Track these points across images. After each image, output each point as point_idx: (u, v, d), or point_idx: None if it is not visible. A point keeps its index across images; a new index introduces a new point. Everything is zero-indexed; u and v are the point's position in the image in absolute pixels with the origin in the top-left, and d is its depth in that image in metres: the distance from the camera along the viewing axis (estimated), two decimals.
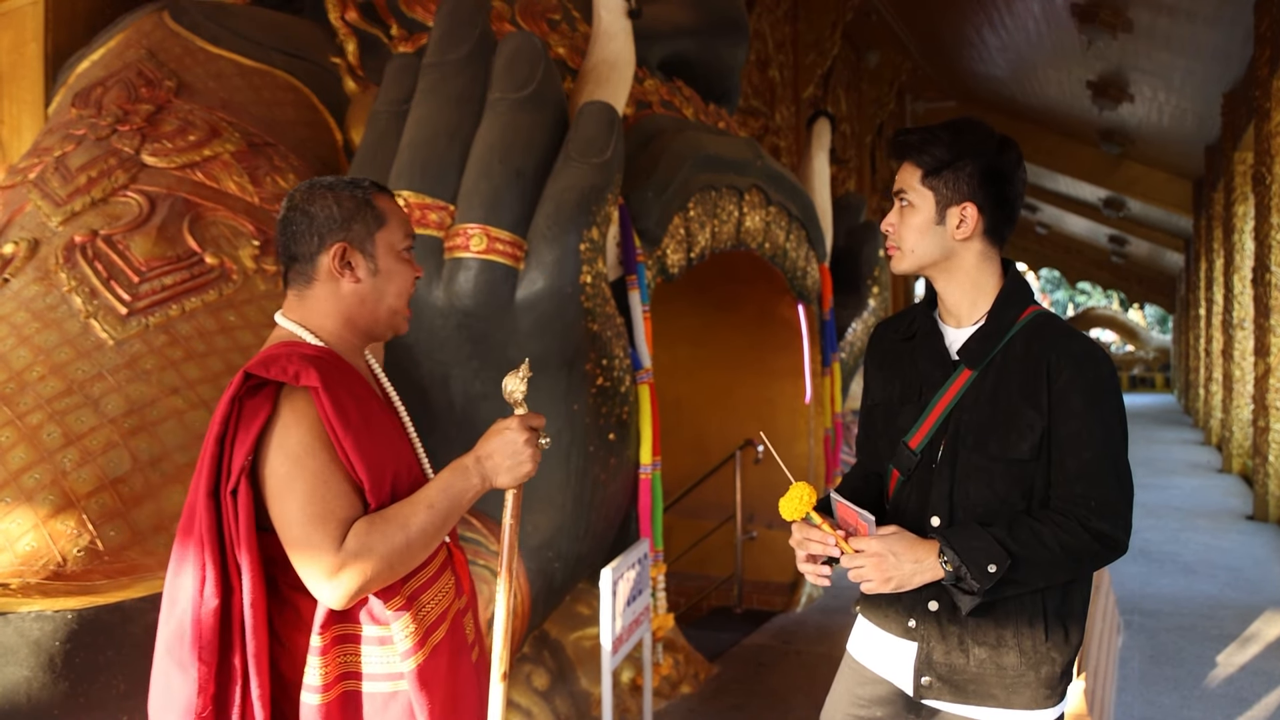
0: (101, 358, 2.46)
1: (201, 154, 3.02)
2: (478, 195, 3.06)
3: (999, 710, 1.55)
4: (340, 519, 1.34)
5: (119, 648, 2.00)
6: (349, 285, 1.47)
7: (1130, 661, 4.46)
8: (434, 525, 1.39)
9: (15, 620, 1.90)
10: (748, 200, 4.38)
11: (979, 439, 1.54)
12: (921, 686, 1.57)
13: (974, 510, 1.54)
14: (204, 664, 1.33)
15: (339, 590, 1.33)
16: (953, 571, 1.46)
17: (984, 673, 1.54)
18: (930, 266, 1.62)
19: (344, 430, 1.33)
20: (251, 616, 1.34)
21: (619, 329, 3.44)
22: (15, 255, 2.71)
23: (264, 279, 2.89)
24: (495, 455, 1.42)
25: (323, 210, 1.47)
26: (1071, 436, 1.50)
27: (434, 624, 1.43)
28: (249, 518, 1.34)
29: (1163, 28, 8.69)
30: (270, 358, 1.36)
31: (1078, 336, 1.57)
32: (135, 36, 3.40)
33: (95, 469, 2.23)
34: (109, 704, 1.94)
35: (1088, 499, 1.48)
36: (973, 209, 1.58)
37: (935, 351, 1.63)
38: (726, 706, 3.89)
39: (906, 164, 1.62)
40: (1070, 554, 1.47)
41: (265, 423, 1.34)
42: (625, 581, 3.13)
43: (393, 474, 1.41)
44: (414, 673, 1.39)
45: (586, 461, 3.30)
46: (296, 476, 1.33)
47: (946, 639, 1.55)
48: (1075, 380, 1.51)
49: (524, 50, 3.24)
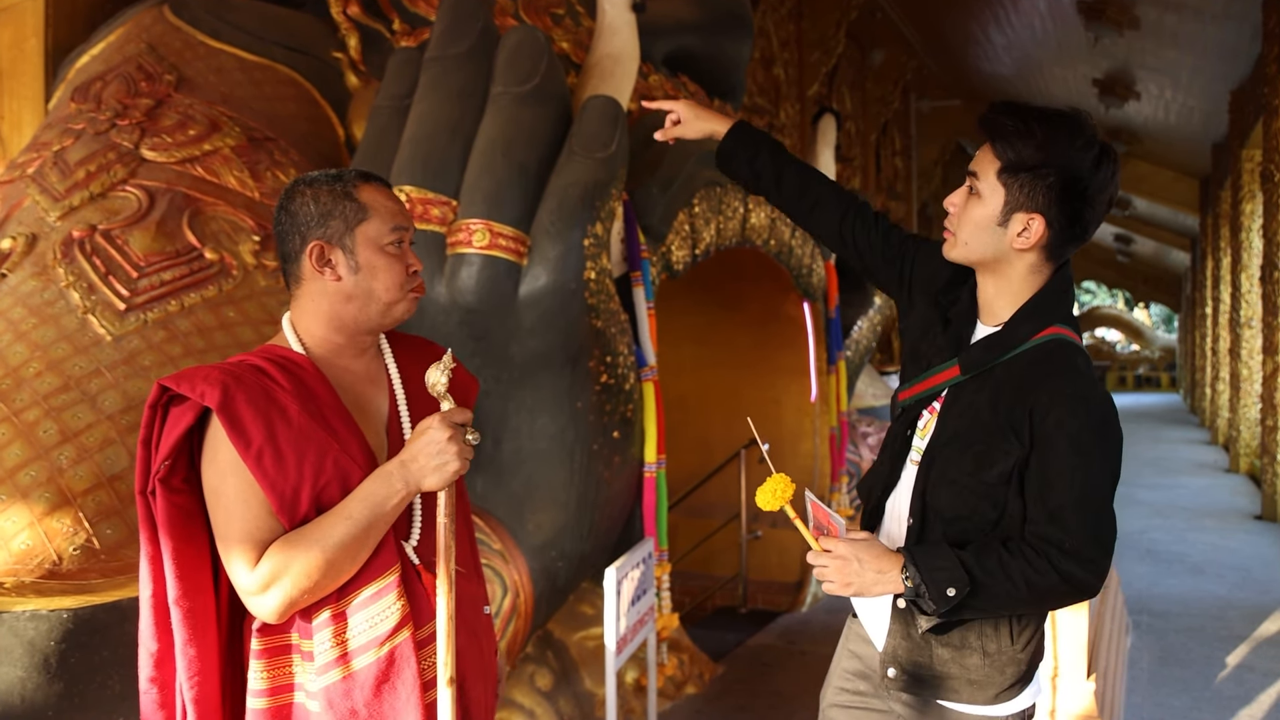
0: (99, 353, 2.43)
1: (201, 149, 2.99)
2: (480, 190, 3.03)
3: (963, 705, 1.54)
4: (257, 540, 1.34)
5: (115, 648, 1.96)
6: (332, 283, 1.43)
7: (1139, 662, 4.41)
8: (354, 537, 1.34)
9: (10, 620, 1.87)
10: (753, 196, 4.34)
11: (958, 452, 1.50)
12: (888, 678, 1.57)
13: (944, 515, 1.51)
14: (156, 642, 1.40)
15: (263, 609, 1.35)
16: (912, 589, 1.44)
17: (948, 671, 1.52)
18: (978, 263, 1.54)
19: (243, 452, 1.33)
20: (175, 612, 1.37)
21: (623, 325, 3.41)
22: (13, 250, 2.69)
23: (264, 274, 2.85)
24: (419, 457, 1.37)
25: (301, 208, 1.43)
26: (1053, 476, 1.42)
27: (363, 646, 1.37)
28: (166, 518, 1.36)
29: (1170, 25, 8.64)
30: (187, 373, 1.37)
31: (1079, 377, 1.46)
32: (135, 30, 3.37)
33: (92, 466, 2.20)
34: (104, 704, 1.91)
35: (1061, 541, 1.41)
36: (1040, 222, 1.46)
37: (960, 329, 1.57)
38: (731, 707, 3.86)
39: (989, 148, 1.48)
40: (1035, 591, 1.42)
41: (188, 431, 1.35)
42: (630, 581, 3.09)
43: (312, 489, 1.36)
44: (321, 691, 1.36)
45: (590, 460, 3.26)
46: (221, 493, 1.35)
47: (911, 638, 1.53)
48: (1064, 423, 1.42)
49: (527, 44, 3.20)
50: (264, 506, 1.35)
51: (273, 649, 1.39)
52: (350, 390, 1.47)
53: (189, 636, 1.37)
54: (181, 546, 1.37)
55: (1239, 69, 9.07)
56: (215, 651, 1.41)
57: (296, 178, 1.46)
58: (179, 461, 1.36)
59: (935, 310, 1.64)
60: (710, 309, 5.48)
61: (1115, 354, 23.91)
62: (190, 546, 1.38)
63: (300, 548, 1.33)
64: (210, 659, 1.39)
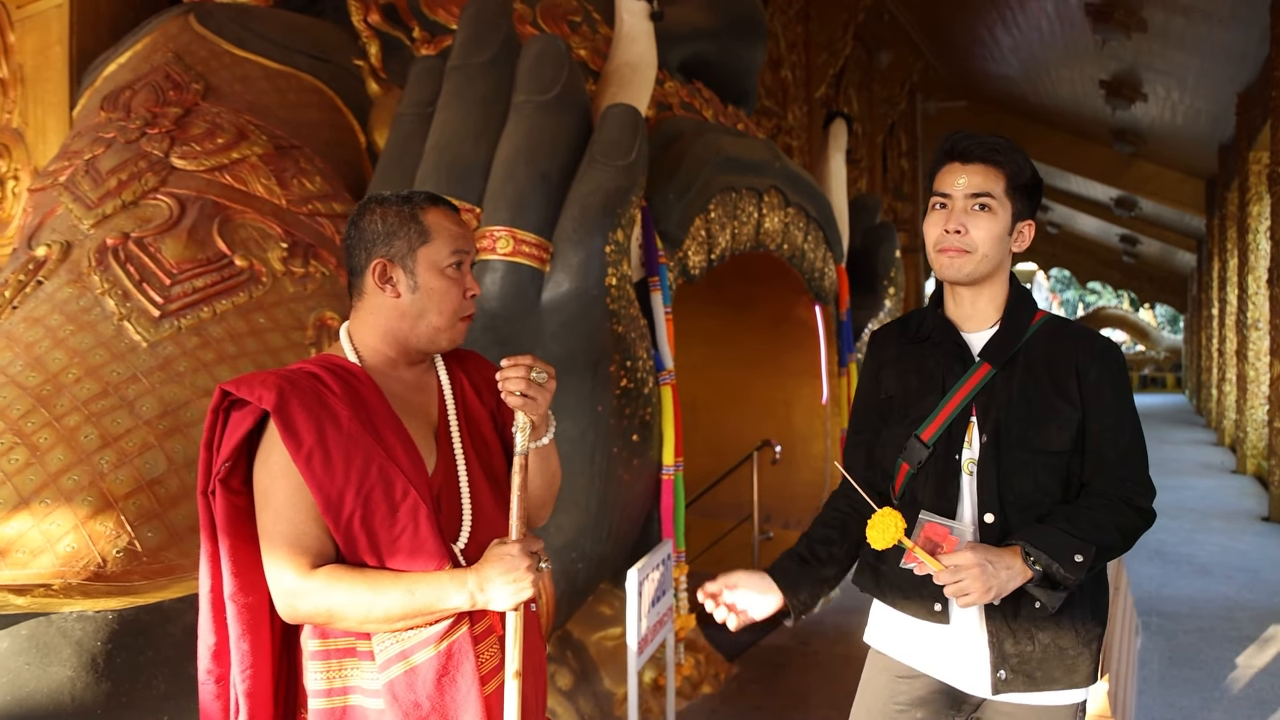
0: (135, 360, 2.48)
1: (230, 157, 3.04)
2: (503, 198, 3.07)
3: (1062, 692, 1.61)
4: (300, 543, 1.40)
5: (158, 648, 2.02)
6: (390, 300, 1.50)
7: (1149, 663, 4.45)
8: (401, 611, 1.40)
9: (58, 620, 1.92)
10: (766, 201, 4.39)
11: (1020, 435, 1.61)
12: (1000, 681, 1.60)
13: (1020, 503, 1.60)
14: (214, 635, 1.47)
15: (286, 611, 1.41)
16: (1042, 570, 1.51)
17: (1048, 657, 1.60)
18: (986, 274, 1.65)
19: (294, 453, 1.39)
20: (231, 607, 1.44)
21: (642, 330, 3.45)
22: (48, 258, 2.74)
23: (292, 281, 2.90)
24: (495, 579, 1.42)
25: (370, 225, 1.51)
26: (1109, 427, 1.61)
27: (422, 643, 1.43)
28: (225, 518, 1.42)
29: (1178, 28, 8.66)
30: (246, 378, 1.44)
31: (1095, 335, 1.68)
32: (162, 39, 3.42)
33: (132, 470, 2.25)
34: (150, 704, 1.96)
35: (1129, 480, 1.59)
36: (1030, 227, 1.67)
37: (954, 349, 1.68)
38: (748, 707, 3.90)
39: (989, 169, 1.62)
40: (1123, 533, 1.58)
41: (247, 435, 1.41)
42: (650, 582, 3.14)
43: (357, 492, 1.41)
44: (385, 687, 1.42)
45: (610, 463, 3.31)
46: (270, 494, 1.41)
47: (1015, 631, 1.59)
48: (1104, 375, 1.62)
49: (549, 53, 3.25)
50: (310, 511, 1.41)
51: (332, 651, 1.44)
52: (401, 399, 1.52)
53: (243, 631, 1.43)
54: (239, 544, 1.43)
55: (1246, 71, 9.10)
56: (268, 647, 1.46)
57: (369, 195, 1.53)
58: (239, 464, 1.43)
59: (896, 367, 1.75)
60: (722, 311, 5.53)
61: None
62: (247, 545, 1.44)
63: (349, 587, 1.39)
64: (263, 654, 1.45)
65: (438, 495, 1.50)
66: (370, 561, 1.43)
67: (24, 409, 2.30)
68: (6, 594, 1.87)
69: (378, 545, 1.43)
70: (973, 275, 1.64)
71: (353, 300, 1.55)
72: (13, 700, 1.82)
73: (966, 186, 1.62)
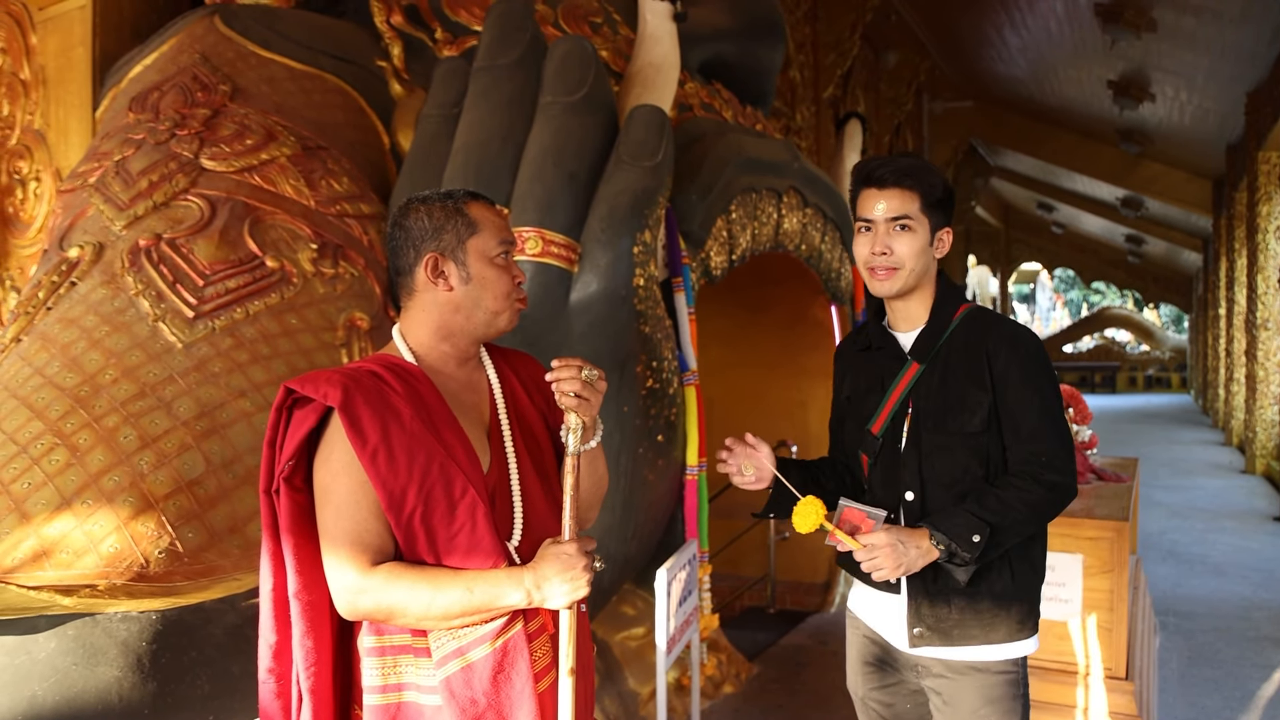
0: (171, 360, 2.48)
1: (259, 158, 3.04)
2: (532, 198, 3.08)
3: (982, 647, 1.81)
4: (361, 541, 1.41)
5: (201, 648, 2.02)
6: (443, 293, 1.53)
7: (1169, 663, 4.45)
8: (460, 608, 1.41)
9: (104, 621, 1.93)
10: (786, 202, 4.39)
11: (937, 420, 1.80)
12: (914, 636, 1.82)
13: (940, 481, 1.80)
14: (275, 634, 1.48)
15: (346, 608, 1.43)
16: (945, 549, 1.71)
17: (964, 617, 1.80)
18: (914, 285, 1.83)
19: (359, 450, 1.40)
20: (294, 605, 1.45)
21: (668, 331, 3.46)
22: (81, 259, 2.74)
23: (322, 282, 2.91)
24: (552, 577, 1.44)
25: (416, 223, 1.53)
26: (1017, 406, 1.77)
27: (478, 640, 1.44)
28: (289, 516, 1.44)
29: (1188, 27, 8.66)
30: (310, 376, 1.45)
31: (1006, 322, 1.85)
32: (188, 41, 3.42)
33: (171, 471, 2.25)
34: (195, 704, 1.96)
35: (1038, 456, 1.75)
36: (948, 233, 1.87)
37: (892, 352, 1.89)
38: (770, 706, 3.91)
39: (904, 192, 1.81)
40: (1033, 509, 1.73)
41: (310, 433, 1.42)
42: (678, 582, 3.14)
43: (419, 490, 1.43)
44: (442, 683, 1.43)
45: (636, 463, 3.31)
46: (332, 491, 1.42)
47: (932, 595, 1.80)
48: (1011, 359, 1.78)
49: (575, 54, 3.26)
50: (373, 508, 1.42)
51: (388, 648, 1.46)
52: (455, 397, 1.54)
53: (307, 628, 1.45)
54: (302, 542, 1.45)
55: (1256, 71, 9.09)
56: (330, 644, 1.48)
57: (410, 196, 1.54)
58: (301, 462, 1.44)
59: (851, 372, 1.99)
60: (738, 312, 5.53)
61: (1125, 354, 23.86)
62: (310, 543, 1.45)
63: (410, 584, 1.40)
64: (325, 651, 1.47)
65: (492, 493, 1.51)
66: (428, 559, 1.44)
67: (63, 410, 2.31)
68: (54, 594, 1.88)
69: (436, 542, 1.44)
70: (903, 289, 1.83)
71: (402, 301, 1.56)
72: (62, 700, 1.82)
73: (886, 210, 1.81)
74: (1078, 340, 25.07)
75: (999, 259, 22.21)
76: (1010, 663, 1.83)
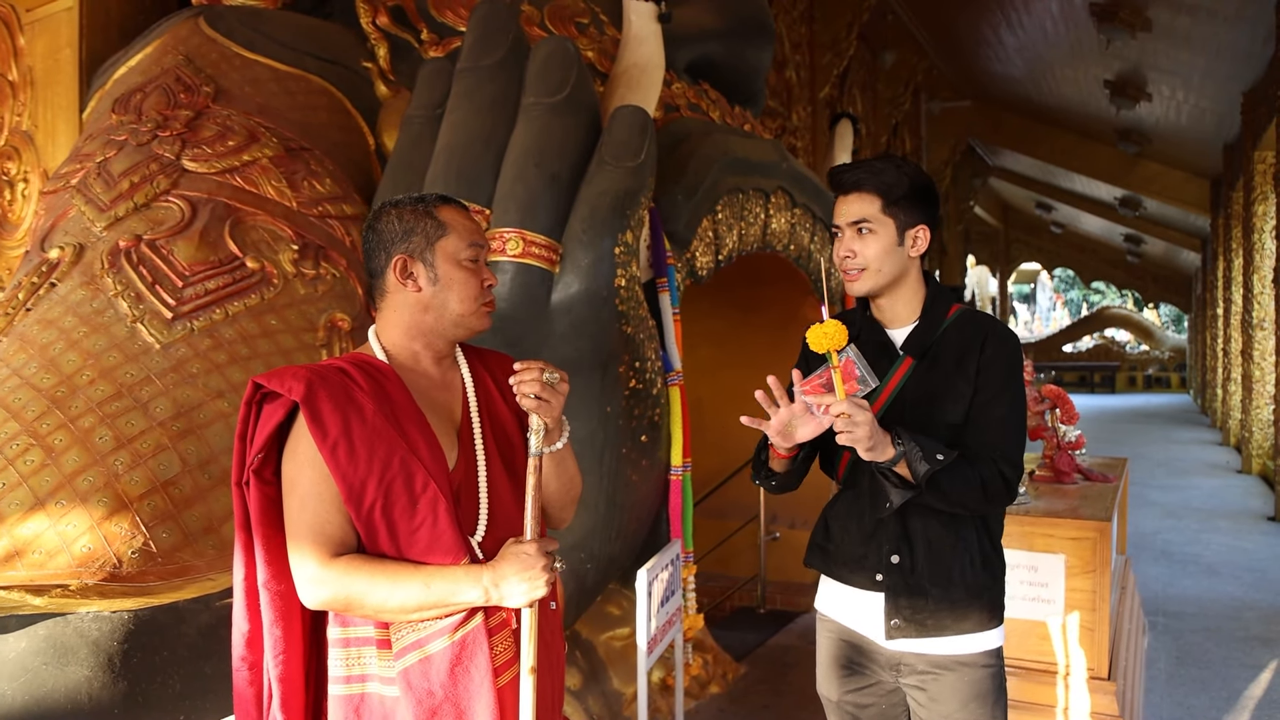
0: (149, 361, 2.49)
1: (240, 159, 3.05)
2: (513, 199, 3.08)
3: (954, 638, 1.85)
4: (323, 532, 1.44)
5: (174, 648, 2.03)
6: (412, 294, 1.56)
7: (1156, 663, 4.45)
8: (416, 603, 1.43)
9: (75, 621, 1.93)
10: (774, 202, 4.39)
11: (924, 410, 1.84)
12: (891, 628, 1.86)
13: None
14: (247, 623, 1.51)
15: (308, 597, 1.45)
16: (901, 449, 1.70)
17: (939, 608, 1.85)
18: (888, 284, 1.85)
19: (320, 442, 1.43)
20: (264, 594, 1.48)
21: (651, 331, 3.46)
22: (61, 260, 2.75)
23: (303, 283, 2.91)
24: (510, 576, 1.46)
25: (387, 226, 1.57)
26: (991, 400, 1.82)
27: (437, 633, 1.46)
28: (258, 508, 1.47)
29: (1183, 27, 8.66)
30: (277, 372, 1.49)
31: (998, 322, 1.91)
32: (172, 42, 3.43)
33: (146, 471, 2.26)
34: (166, 703, 1.97)
35: (998, 448, 1.80)
36: (925, 230, 1.87)
37: (881, 346, 1.90)
38: (756, 706, 3.91)
39: (862, 195, 1.84)
40: (984, 485, 1.77)
41: (278, 427, 1.45)
42: (659, 582, 3.14)
43: (379, 483, 1.45)
44: (400, 674, 1.45)
45: (619, 463, 3.32)
46: (297, 484, 1.45)
47: (910, 587, 1.85)
48: (998, 354, 1.84)
49: (557, 55, 3.26)
50: (335, 501, 1.44)
51: (352, 639, 1.48)
52: (426, 395, 1.57)
53: (275, 618, 1.47)
54: (271, 534, 1.47)
55: (1252, 70, 9.09)
56: (300, 633, 1.50)
57: (383, 200, 1.57)
58: (270, 455, 1.47)
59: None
60: (728, 313, 5.53)
61: (1125, 354, 23.85)
62: (279, 534, 1.48)
63: (367, 576, 1.42)
64: (294, 640, 1.49)
65: (457, 490, 1.53)
66: (390, 552, 1.46)
67: (39, 410, 2.32)
68: (24, 594, 1.88)
69: (397, 536, 1.46)
70: (874, 289, 1.86)
71: (376, 303, 1.59)
72: (31, 700, 1.83)
73: (847, 215, 1.85)
74: (1077, 340, 25.06)
75: (998, 259, 22.21)
76: (990, 655, 1.88)
